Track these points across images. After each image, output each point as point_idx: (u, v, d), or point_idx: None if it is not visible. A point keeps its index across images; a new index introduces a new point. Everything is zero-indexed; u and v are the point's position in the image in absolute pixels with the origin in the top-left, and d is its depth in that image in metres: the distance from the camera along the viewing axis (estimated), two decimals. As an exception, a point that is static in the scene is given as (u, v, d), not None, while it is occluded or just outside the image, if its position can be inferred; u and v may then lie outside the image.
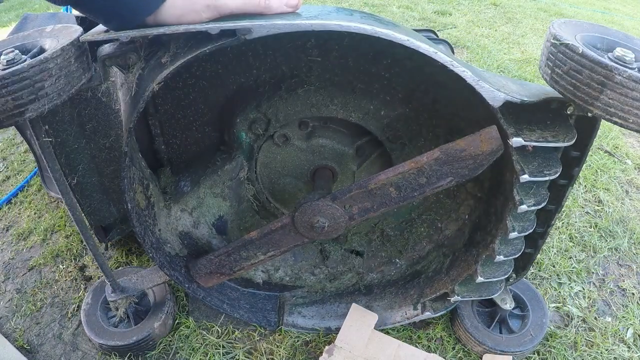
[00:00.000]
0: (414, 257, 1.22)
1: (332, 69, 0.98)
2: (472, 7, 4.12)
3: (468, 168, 0.79)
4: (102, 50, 0.78)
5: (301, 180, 1.20)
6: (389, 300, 1.20)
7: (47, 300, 1.34)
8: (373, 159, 1.16)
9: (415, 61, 0.93)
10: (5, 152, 2.09)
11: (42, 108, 0.66)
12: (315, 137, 1.12)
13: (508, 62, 2.90)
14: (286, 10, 0.74)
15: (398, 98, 1.01)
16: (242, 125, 1.07)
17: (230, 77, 1.02)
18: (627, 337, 1.25)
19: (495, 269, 1.00)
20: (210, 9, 0.69)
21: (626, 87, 0.61)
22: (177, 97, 1.04)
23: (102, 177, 1.19)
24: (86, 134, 1.09)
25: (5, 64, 0.65)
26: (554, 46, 0.69)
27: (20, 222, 1.65)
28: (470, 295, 1.07)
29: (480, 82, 0.73)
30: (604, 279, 1.43)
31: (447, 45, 1.25)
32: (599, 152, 2.02)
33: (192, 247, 1.14)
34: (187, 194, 1.11)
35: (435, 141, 1.05)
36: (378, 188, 0.83)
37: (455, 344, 1.20)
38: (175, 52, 0.75)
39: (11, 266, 1.47)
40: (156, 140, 1.09)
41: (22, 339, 1.23)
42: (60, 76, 0.67)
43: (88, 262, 1.46)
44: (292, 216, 0.90)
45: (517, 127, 0.78)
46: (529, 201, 0.84)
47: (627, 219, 1.65)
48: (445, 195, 1.15)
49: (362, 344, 1.09)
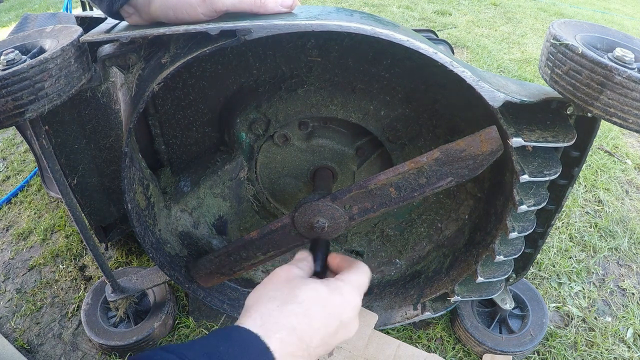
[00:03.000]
0: (414, 257, 1.22)
1: (332, 69, 0.98)
2: (472, 7, 4.12)
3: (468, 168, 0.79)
4: (102, 50, 0.78)
5: (301, 181, 1.20)
6: (389, 300, 1.20)
7: (47, 300, 1.34)
8: (373, 159, 1.16)
9: (415, 61, 0.93)
10: (5, 152, 2.09)
11: (42, 108, 0.66)
12: (315, 137, 1.12)
13: (508, 62, 2.90)
14: (281, 10, 0.74)
15: (398, 98, 1.01)
16: (242, 125, 1.07)
17: (230, 78, 1.02)
18: (627, 337, 1.25)
19: (495, 269, 1.00)
20: (206, 3, 0.69)
21: (626, 87, 0.61)
22: (177, 97, 1.04)
23: (102, 178, 1.19)
24: (86, 134, 1.09)
25: (5, 64, 0.65)
26: (554, 46, 0.69)
27: (20, 222, 1.65)
28: (470, 296, 1.07)
29: (480, 82, 0.73)
30: (604, 279, 1.43)
31: (447, 45, 1.25)
32: (599, 152, 2.02)
33: (192, 248, 1.13)
34: (187, 194, 1.11)
35: (435, 141, 1.05)
36: (378, 188, 0.83)
37: (455, 344, 1.20)
38: (175, 52, 0.75)
39: (11, 266, 1.47)
40: (156, 140, 1.09)
41: (22, 339, 1.23)
42: (60, 77, 0.67)
43: (88, 262, 1.46)
44: (292, 216, 0.90)
45: (517, 127, 0.78)
46: (529, 201, 0.84)
47: (627, 219, 1.65)
48: (445, 196, 1.15)
49: (362, 344, 1.09)
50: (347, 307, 0.64)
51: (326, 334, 0.61)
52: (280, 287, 0.64)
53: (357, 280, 0.70)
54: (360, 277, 0.71)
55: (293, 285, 0.64)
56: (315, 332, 0.59)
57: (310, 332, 0.59)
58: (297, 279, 0.66)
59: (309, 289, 0.63)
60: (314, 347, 0.59)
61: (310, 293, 0.63)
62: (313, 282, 0.65)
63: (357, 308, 0.67)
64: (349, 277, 0.69)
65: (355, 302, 0.66)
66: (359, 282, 0.70)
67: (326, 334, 0.61)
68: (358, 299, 0.67)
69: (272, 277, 0.67)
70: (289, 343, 0.56)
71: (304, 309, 0.60)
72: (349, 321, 0.64)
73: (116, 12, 0.73)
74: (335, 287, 0.66)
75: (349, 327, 0.65)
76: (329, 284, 0.66)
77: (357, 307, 0.67)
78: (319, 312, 0.61)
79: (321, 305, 0.62)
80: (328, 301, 0.63)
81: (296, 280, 0.66)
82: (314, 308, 0.61)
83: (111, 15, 0.74)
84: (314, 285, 0.64)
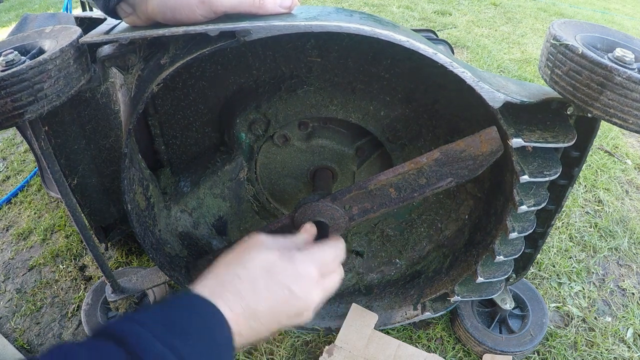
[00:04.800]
0: (414, 257, 1.22)
1: (331, 70, 0.98)
2: (472, 7, 4.11)
3: (468, 169, 0.79)
4: (101, 51, 0.78)
5: (301, 181, 1.20)
6: (389, 300, 1.20)
7: (47, 300, 1.34)
8: (373, 160, 1.16)
9: (415, 62, 0.93)
10: (5, 152, 2.09)
11: (42, 109, 0.66)
12: (315, 137, 1.12)
13: (508, 62, 2.90)
14: (280, 11, 0.73)
15: (398, 98, 1.01)
16: (242, 125, 1.07)
17: (230, 78, 1.02)
18: (627, 337, 1.25)
19: (495, 269, 1.00)
20: (204, 5, 0.69)
21: (626, 87, 0.61)
22: (176, 97, 1.04)
23: (102, 178, 1.19)
24: (86, 134, 1.09)
25: (5, 65, 0.65)
26: (554, 47, 0.69)
27: (20, 222, 1.65)
28: (470, 296, 1.07)
29: (480, 83, 0.73)
30: (604, 278, 1.43)
31: (447, 45, 1.25)
32: (599, 152, 2.02)
33: (192, 248, 1.13)
34: (187, 194, 1.11)
35: (435, 142, 1.05)
36: (378, 189, 0.83)
37: (455, 344, 1.20)
38: (175, 53, 0.75)
39: (11, 266, 1.47)
40: (156, 140, 1.09)
41: (22, 339, 1.23)
42: (60, 77, 0.67)
43: (88, 262, 1.46)
44: (292, 216, 0.90)
45: (517, 127, 0.78)
46: (529, 201, 0.84)
47: (627, 219, 1.65)
48: (446, 196, 1.15)
49: (362, 344, 1.09)
50: (297, 277, 0.62)
51: (274, 302, 0.60)
52: (237, 253, 0.64)
53: (318, 253, 0.68)
54: (323, 250, 0.69)
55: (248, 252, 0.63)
56: (260, 298, 0.58)
57: (255, 298, 0.58)
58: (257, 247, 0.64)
59: (259, 255, 0.62)
60: (262, 312, 0.58)
61: (258, 258, 0.62)
62: (269, 251, 0.64)
63: (311, 280, 0.64)
64: (311, 249, 0.68)
65: (308, 273, 0.64)
66: (319, 254, 0.68)
67: (274, 303, 0.60)
68: (313, 270, 0.64)
69: (241, 243, 0.66)
70: (234, 303, 0.56)
71: (248, 273, 0.59)
72: (301, 293, 0.62)
73: (112, 10, 0.73)
74: (289, 256, 0.64)
75: (302, 300, 0.62)
76: (283, 252, 0.64)
77: (311, 279, 0.64)
78: (263, 277, 0.60)
79: (266, 270, 0.61)
80: (275, 267, 0.62)
81: (255, 248, 0.64)
82: (258, 272, 0.60)
83: (108, 13, 0.74)
84: (266, 252, 0.63)
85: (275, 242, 0.67)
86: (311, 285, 0.64)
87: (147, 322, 0.46)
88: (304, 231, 0.77)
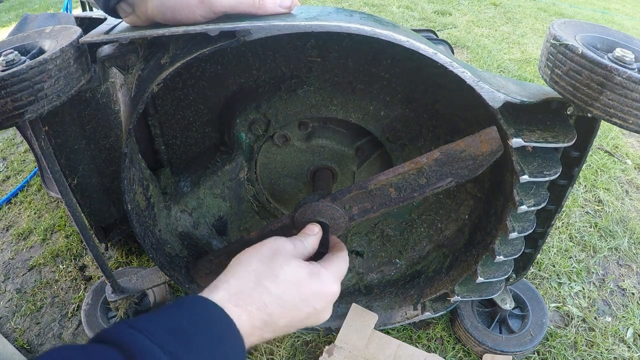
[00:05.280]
0: (414, 257, 1.22)
1: (331, 70, 0.98)
2: (472, 7, 4.11)
3: (468, 169, 0.79)
4: (101, 51, 0.78)
5: (301, 181, 1.20)
6: (389, 300, 1.20)
7: (47, 300, 1.34)
8: (373, 160, 1.16)
9: (415, 62, 0.93)
10: (5, 152, 2.09)
11: (42, 109, 0.66)
12: (315, 137, 1.12)
13: (508, 62, 2.90)
14: (280, 11, 0.73)
15: (398, 98, 1.01)
16: (242, 125, 1.07)
17: (230, 78, 1.02)
18: (627, 337, 1.25)
19: (495, 269, 1.00)
20: (204, 5, 0.69)
21: (626, 87, 0.61)
22: (177, 97, 1.04)
23: (102, 178, 1.19)
24: (86, 134, 1.09)
25: (5, 65, 0.65)
26: (554, 47, 0.69)
27: (20, 222, 1.65)
28: (470, 296, 1.07)
29: (480, 83, 0.73)
30: (604, 278, 1.43)
31: (447, 45, 1.25)
32: (599, 152, 2.02)
33: (192, 248, 1.13)
34: (187, 194, 1.11)
35: (435, 142, 1.05)
36: (378, 189, 0.83)
37: (455, 344, 1.20)
38: (175, 53, 0.75)
39: (11, 266, 1.47)
40: (156, 140, 1.09)
41: (22, 339, 1.23)
42: (60, 77, 0.67)
43: (88, 262, 1.46)
44: (292, 217, 0.90)
45: (517, 127, 0.78)
46: (529, 201, 0.84)
47: (627, 219, 1.65)
48: (445, 196, 1.15)
49: (362, 344, 1.09)
50: (323, 295, 0.64)
51: (295, 317, 0.61)
52: (264, 260, 0.64)
53: (339, 270, 0.70)
54: (342, 266, 0.71)
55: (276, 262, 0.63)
56: (285, 313, 0.60)
57: (280, 313, 0.59)
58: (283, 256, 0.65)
59: (290, 270, 0.63)
60: (281, 326, 0.60)
61: (289, 271, 0.62)
62: (297, 263, 0.65)
63: (334, 297, 0.66)
64: (332, 265, 0.69)
65: (333, 291, 0.66)
66: (340, 270, 0.70)
67: (295, 317, 0.61)
68: (336, 287, 0.67)
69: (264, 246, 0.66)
70: (257, 318, 0.57)
71: (280, 290, 0.60)
72: (322, 309, 0.64)
73: (113, 10, 0.73)
74: (317, 273, 0.65)
75: (319, 315, 0.65)
76: (311, 268, 0.65)
77: (334, 296, 0.66)
78: (294, 296, 0.61)
79: (295, 285, 0.62)
80: (305, 286, 0.63)
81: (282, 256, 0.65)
82: (290, 290, 0.61)
83: (108, 12, 0.74)
84: (296, 267, 0.64)
85: (295, 247, 0.69)
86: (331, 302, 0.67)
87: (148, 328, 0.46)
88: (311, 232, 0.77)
